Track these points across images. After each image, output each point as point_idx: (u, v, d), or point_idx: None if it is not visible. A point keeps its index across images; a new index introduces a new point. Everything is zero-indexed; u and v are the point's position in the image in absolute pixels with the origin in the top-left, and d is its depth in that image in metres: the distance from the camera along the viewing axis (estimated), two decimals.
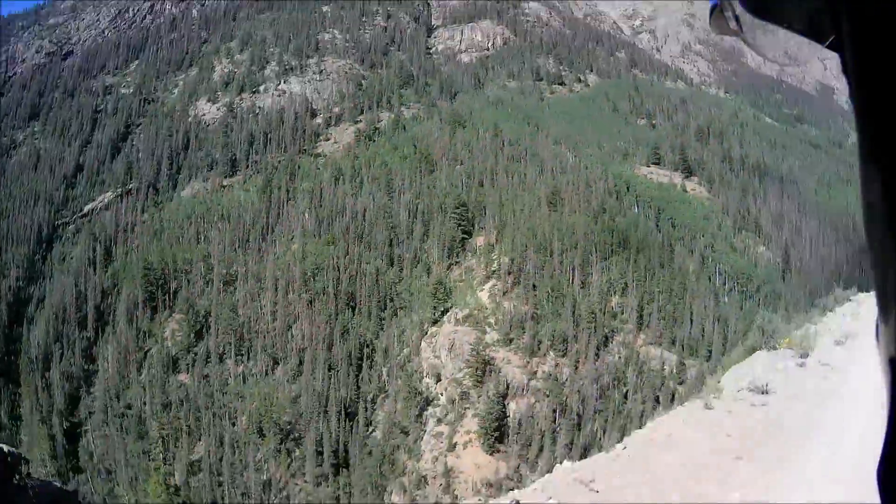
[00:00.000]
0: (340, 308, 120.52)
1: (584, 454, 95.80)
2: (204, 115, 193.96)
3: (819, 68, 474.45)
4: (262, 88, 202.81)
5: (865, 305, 38.08)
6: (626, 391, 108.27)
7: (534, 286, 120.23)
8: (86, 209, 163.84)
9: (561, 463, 22.55)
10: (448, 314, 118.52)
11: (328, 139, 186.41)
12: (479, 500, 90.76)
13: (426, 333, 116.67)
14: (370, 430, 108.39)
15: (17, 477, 14.55)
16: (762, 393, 23.76)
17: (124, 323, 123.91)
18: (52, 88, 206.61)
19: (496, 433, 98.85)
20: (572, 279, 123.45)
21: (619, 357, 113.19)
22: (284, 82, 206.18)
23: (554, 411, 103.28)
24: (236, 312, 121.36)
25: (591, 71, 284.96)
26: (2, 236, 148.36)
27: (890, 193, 1.16)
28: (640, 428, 27.88)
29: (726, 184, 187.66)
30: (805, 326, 34.23)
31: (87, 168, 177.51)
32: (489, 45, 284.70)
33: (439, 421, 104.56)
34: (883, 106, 1.17)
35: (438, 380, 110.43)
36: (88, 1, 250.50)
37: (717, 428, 22.01)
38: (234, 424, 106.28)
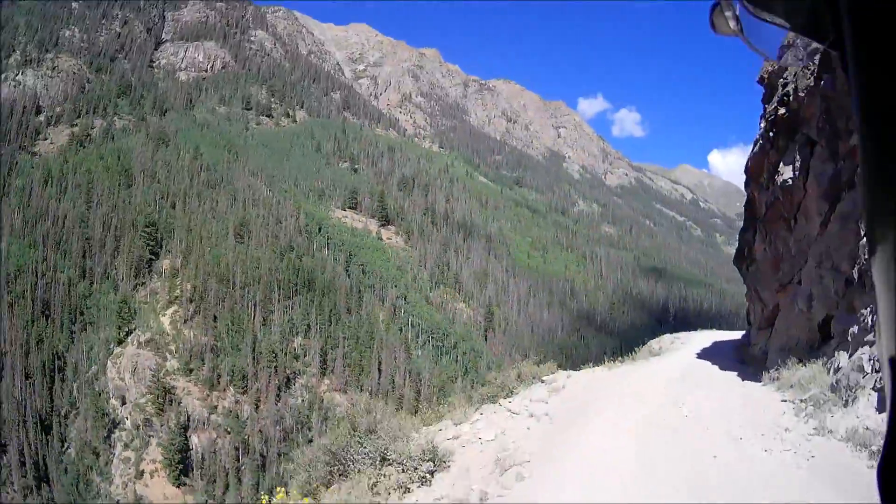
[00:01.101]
0: (36, 315, 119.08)
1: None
2: None
3: (552, 135, 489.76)
4: (2, 77, 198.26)
5: (573, 389, 25.28)
6: (312, 436, 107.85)
7: (214, 317, 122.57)
8: None
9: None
10: (132, 335, 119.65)
11: (46, 138, 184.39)
12: None
13: (111, 353, 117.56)
14: (65, 446, 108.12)
15: None
16: None
17: None
18: None
19: (181, 465, 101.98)
20: (254, 315, 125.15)
21: (303, 400, 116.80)
22: (22, 73, 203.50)
23: (237, 449, 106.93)
24: None
25: (302, 108, 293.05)
26: None
27: (890, 192, 1.19)
28: None
29: (426, 236, 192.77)
30: (446, 426, 22.86)
31: None
32: (208, 66, 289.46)
33: (126, 446, 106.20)
34: (883, 105, 1.19)
35: (124, 402, 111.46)
36: None
37: None
38: None
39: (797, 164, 23.86)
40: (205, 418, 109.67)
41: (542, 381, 27.23)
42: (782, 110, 24.98)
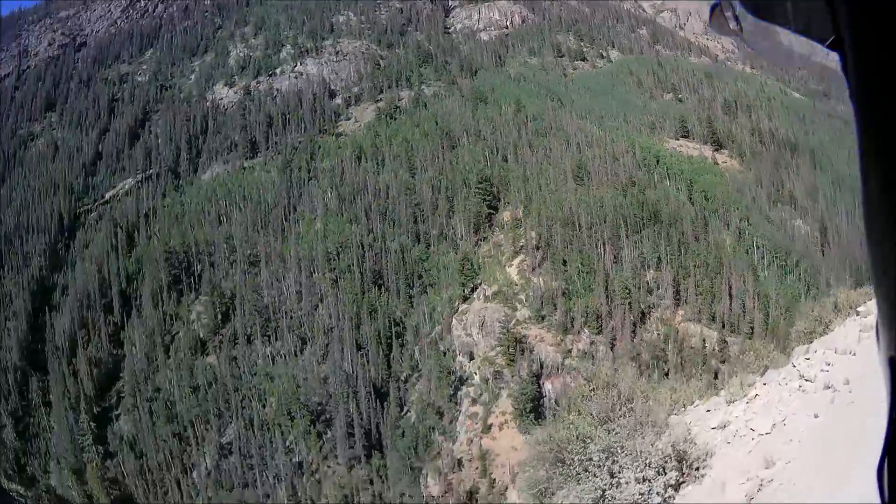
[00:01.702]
0: (367, 286, 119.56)
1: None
2: (221, 99, 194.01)
3: None
4: (278, 71, 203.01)
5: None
6: (668, 370, 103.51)
7: (564, 261, 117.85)
8: (107, 196, 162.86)
9: None
10: (477, 291, 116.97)
11: (349, 118, 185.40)
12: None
13: (456, 311, 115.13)
14: (404, 411, 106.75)
15: None
16: None
17: (150, 307, 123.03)
18: (66, 79, 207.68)
19: (532, 414, 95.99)
20: (603, 254, 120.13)
21: (658, 334, 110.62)
22: (301, 64, 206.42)
23: (592, 391, 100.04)
24: (261, 293, 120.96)
25: (613, 47, 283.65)
26: (24, 227, 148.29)
27: (889, 193, 1.18)
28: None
29: (757, 156, 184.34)
30: (717, 404, 20.91)
31: (106, 156, 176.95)
32: (507, 23, 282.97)
33: (474, 401, 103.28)
34: (883, 106, 1.17)
35: (471, 358, 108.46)
36: None
37: None
38: (264, 406, 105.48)
39: None
40: (558, 363, 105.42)
41: (857, 314, 21.59)
42: None
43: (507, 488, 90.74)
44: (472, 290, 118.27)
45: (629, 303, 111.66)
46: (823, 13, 1.34)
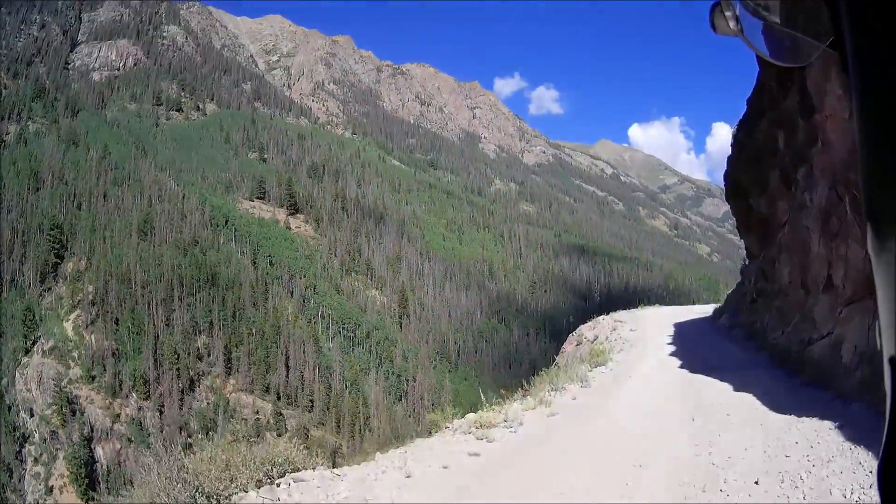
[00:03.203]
0: None
1: None
2: None
3: (467, 116, 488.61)
4: None
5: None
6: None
7: (116, 320, 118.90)
8: None
9: None
10: (37, 344, 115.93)
11: None
12: None
13: (19, 363, 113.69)
14: None
15: None
16: None
17: None
18: None
19: (87, 479, 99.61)
20: (156, 315, 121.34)
21: (208, 403, 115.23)
22: None
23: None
24: None
25: (212, 100, 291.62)
26: None
27: (890, 192, 1.17)
28: None
29: (336, 223, 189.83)
30: None
31: None
32: (121, 64, 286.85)
33: (36, 461, 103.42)
34: (883, 106, 1.17)
35: (32, 415, 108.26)
36: None
37: None
38: None
39: None
40: (108, 428, 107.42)
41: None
42: None
43: None
44: (33, 343, 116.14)
45: (178, 369, 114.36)
46: (823, 13, 1.36)
